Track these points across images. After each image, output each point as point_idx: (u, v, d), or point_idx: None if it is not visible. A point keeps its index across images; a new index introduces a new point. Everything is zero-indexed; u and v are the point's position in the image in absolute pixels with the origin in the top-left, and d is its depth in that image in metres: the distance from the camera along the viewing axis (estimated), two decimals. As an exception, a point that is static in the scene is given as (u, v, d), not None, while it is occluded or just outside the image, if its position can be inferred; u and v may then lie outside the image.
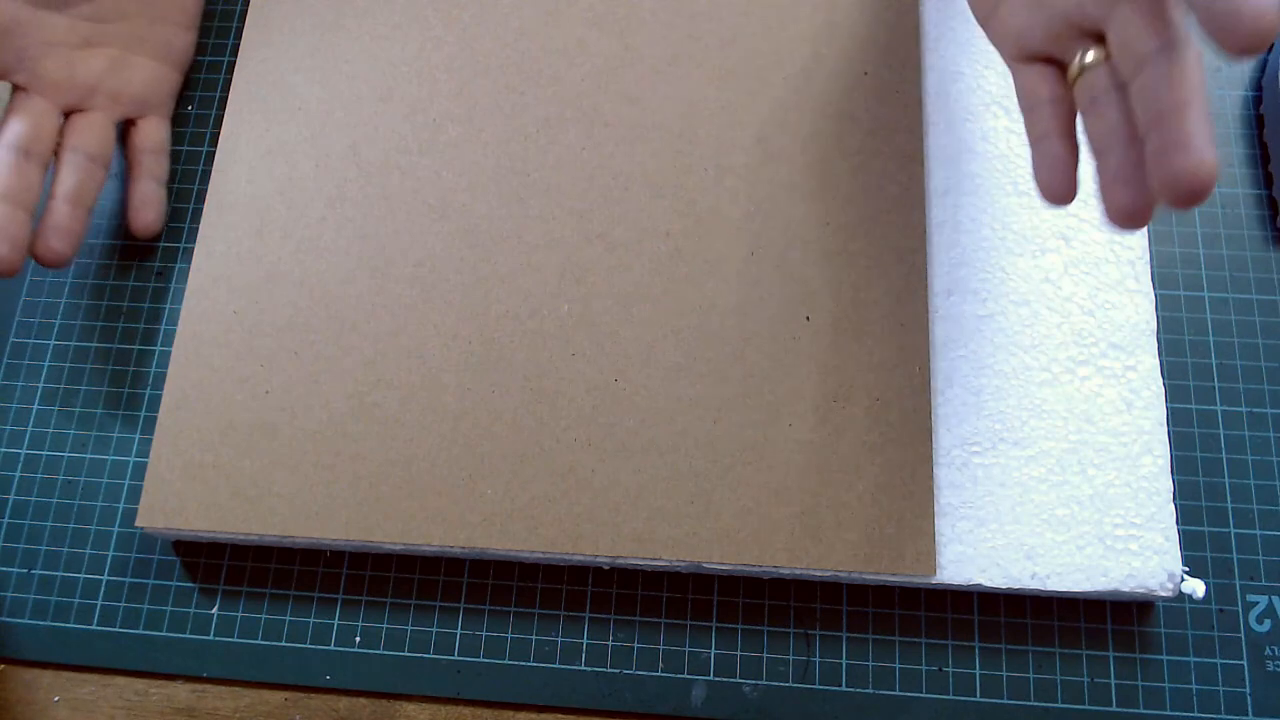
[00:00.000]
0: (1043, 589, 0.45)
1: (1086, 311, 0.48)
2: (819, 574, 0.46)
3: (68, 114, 0.51)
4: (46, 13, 0.50)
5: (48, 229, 0.49)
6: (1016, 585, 0.45)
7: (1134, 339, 0.48)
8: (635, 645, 0.48)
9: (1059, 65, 0.40)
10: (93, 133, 0.51)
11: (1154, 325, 0.48)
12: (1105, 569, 0.45)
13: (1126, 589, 0.44)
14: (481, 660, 0.48)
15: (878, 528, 0.45)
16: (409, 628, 0.48)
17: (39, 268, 0.55)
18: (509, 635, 0.48)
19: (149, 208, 0.53)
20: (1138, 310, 0.48)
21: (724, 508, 0.46)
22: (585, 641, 0.48)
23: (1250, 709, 0.45)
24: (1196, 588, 0.45)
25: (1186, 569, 0.45)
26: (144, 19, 0.53)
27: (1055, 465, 0.46)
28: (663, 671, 0.47)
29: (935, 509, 0.46)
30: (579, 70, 0.54)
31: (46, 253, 0.49)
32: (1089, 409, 0.47)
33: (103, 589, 0.50)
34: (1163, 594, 0.45)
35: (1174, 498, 0.46)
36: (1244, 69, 0.56)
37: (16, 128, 0.49)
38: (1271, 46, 0.54)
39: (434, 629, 0.48)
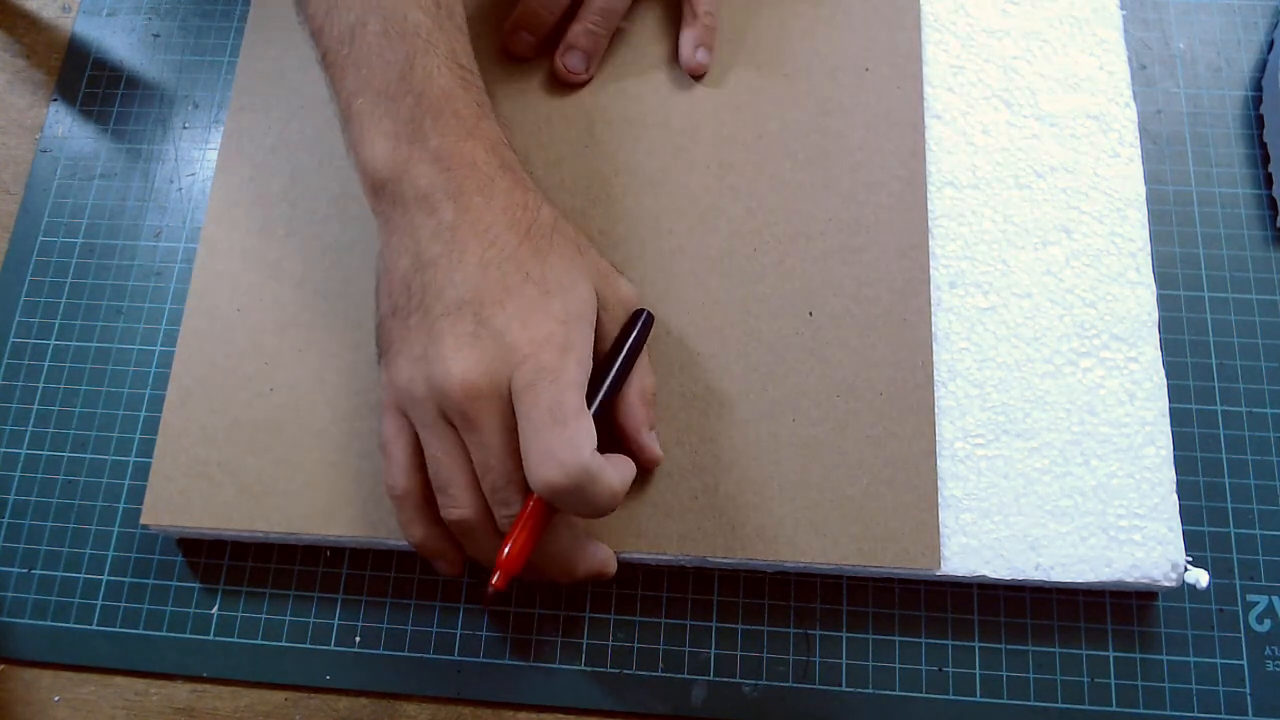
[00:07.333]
0: (1047, 580, 0.45)
1: (1088, 303, 0.49)
2: (823, 568, 0.46)
3: None
4: None
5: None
6: (1021, 576, 0.45)
7: (1135, 330, 0.48)
8: (635, 645, 0.48)
9: None
10: None
11: (1155, 317, 0.48)
12: (1109, 559, 0.45)
13: (1130, 579, 0.45)
14: (481, 660, 0.48)
15: (882, 521, 0.45)
16: (409, 628, 0.48)
17: (38, 266, 0.55)
18: (509, 635, 0.48)
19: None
20: (1139, 302, 0.49)
21: (728, 503, 0.46)
22: (585, 641, 0.48)
23: (1250, 709, 0.46)
24: (1200, 577, 0.45)
25: (1189, 559, 0.45)
26: None
27: (1058, 456, 0.47)
28: (663, 671, 0.47)
29: (939, 501, 0.46)
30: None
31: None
32: (1091, 400, 0.47)
33: (103, 589, 0.49)
34: (1166, 584, 0.45)
35: (1176, 489, 0.46)
36: (1244, 69, 0.56)
37: None
38: (1273, 45, 0.55)
39: (434, 629, 0.48)
